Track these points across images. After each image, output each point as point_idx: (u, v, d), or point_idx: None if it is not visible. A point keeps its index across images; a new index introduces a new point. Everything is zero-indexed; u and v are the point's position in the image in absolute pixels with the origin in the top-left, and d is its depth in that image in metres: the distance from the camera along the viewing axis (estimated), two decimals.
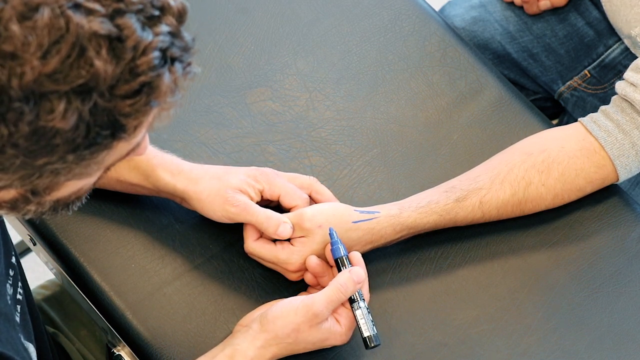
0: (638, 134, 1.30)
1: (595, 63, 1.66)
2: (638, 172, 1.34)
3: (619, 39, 1.64)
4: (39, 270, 2.03)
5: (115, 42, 0.82)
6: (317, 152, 1.38)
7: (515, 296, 1.30)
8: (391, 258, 1.31)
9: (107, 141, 0.86)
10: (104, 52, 0.82)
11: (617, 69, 1.64)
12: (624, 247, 1.35)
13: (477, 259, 1.32)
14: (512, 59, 1.71)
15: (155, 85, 0.85)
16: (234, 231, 1.27)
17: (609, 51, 1.65)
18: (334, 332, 1.19)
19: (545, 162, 1.30)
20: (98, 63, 0.81)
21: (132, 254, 1.29)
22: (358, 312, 1.19)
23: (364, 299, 1.19)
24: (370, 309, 1.19)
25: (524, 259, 1.33)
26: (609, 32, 1.65)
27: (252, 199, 1.24)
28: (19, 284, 1.13)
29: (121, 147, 0.88)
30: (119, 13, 0.83)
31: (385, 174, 1.37)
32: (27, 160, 0.84)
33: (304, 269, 1.24)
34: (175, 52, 0.86)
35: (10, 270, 1.11)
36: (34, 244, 1.36)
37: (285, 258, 1.23)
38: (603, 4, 1.45)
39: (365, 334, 1.18)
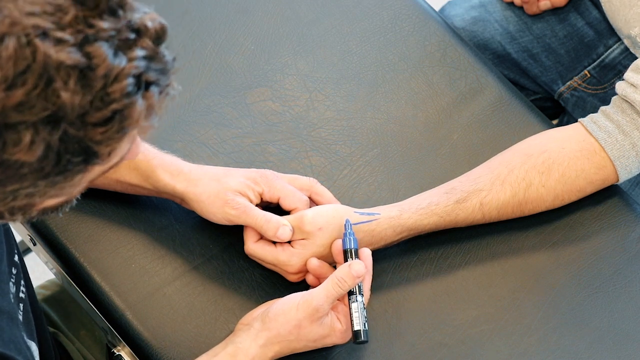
0: (638, 135, 1.30)
1: (595, 63, 1.66)
2: (638, 172, 1.34)
3: (619, 39, 1.64)
4: (39, 270, 2.03)
5: (84, 72, 0.80)
6: (317, 152, 1.38)
7: (515, 296, 1.30)
8: (391, 259, 1.31)
9: (80, 167, 0.84)
10: (71, 82, 0.80)
11: (617, 69, 1.64)
12: (624, 247, 1.35)
13: (477, 259, 1.32)
14: (512, 59, 1.71)
15: (128, 112, 0.83)
16: (234, 232, 1.27)
17: (609, 51, 1.65)
18: (335, 328, 1.19)
19: (546, 163, 1.30)
20: (65, 95, 0.80)
21: (132, 254, 1.29)
22: (353, 305, 1.19)
23: (362, 294, 1.19)
24: (365, 306, 1.19)
25: (524, 259, 1.33)
26: (609, 32, 1.65)
27: (251, 202, 1.24)
28: (22, 282, 1.13)
29: (97, 169, 0.87)
30: (88, 41, 0.81)
31: (385, 174, 1.37)
32: None
33: (304, 270, 1.24)
34: (151, 76, 0.85)
35: (13, 268, 1.11)
36: (34, 244, 1.36)
37: (286, 260, 1.23)
38: (602, 4, 1.45)
39: (356, 327, 1.18)
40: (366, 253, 1.21)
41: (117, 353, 1.34)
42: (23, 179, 0.83)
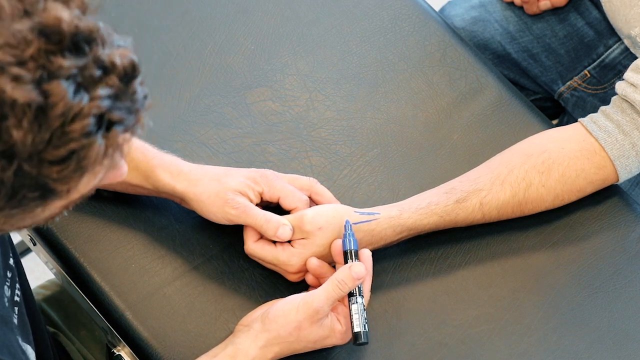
0: (638, 135, 1.30)
1: (595, 63, 1.66)
2: (638, 172, 1.34)
3: (619, 39, 1.64)
4: (39, 270, 2.03)
5: (40, 110, 0.78)
6: (317, 152, 1.38)
7: (515, 296, 1.30)
8: (391, 259, 1.31)
9: (37, 202, 0.82)
10: (25, 121, 0.78)
11: (617, 69, 1.64)
12: (624, 247, 1.35)
13: (477, 259, 1.32)
14: (512, 59, 1.71)
15: (86, 152, 0.81)
16: (234, 231, 1.27)
17: (609, 51, 1.65)
18: (335, 329, 1.19)
19: (546, 163, 1.30)
20: (17, 133, 0.78)
21: (132, 254, 1.29)
22: (353, 307, 1.19)
23: (362, 295, 1.19)
24: (365, 307, 1.19)
25: (524, 259, 1.33)
26: (609, 32, 1.65)
27: (251, 201, 1.24)
28: (17, 285, 1.13)
29: (58, 203, 0.84)
30: (47, 78, 0.78)
31: (385, 174, 1.37)
32: None
33: (304, 270, 1.24)
34: (115, 115, 0.82)
35: (8, 272, 1.10)
36: (34, 244, 1.35)
37: (286, 259, 1.23)
38: (603, 4, 1.45)
39: (356, 329, 1.18)
40: (366, 254, 1.21)
41: (117, 353, 1.34)
42: None
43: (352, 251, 1.20)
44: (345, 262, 1.21)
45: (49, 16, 0.79)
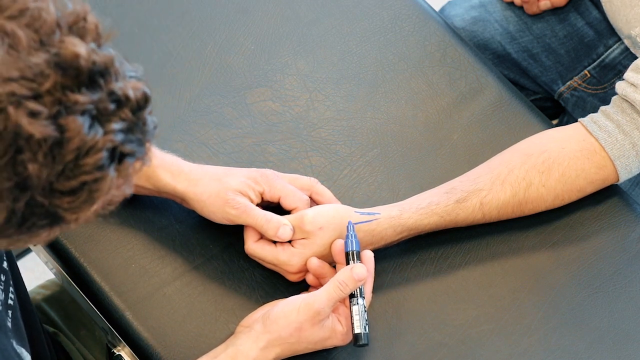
0: (638, 135, 1.30)
1: (595, 63, 1.66)
2: (638, 172, 1.34)
3: (619, 39, 1.64)
4: (39, 270, 2.03)
5: (56, 144, 0.78)
6: (317, 152, 1.38)
7: (515, 296, 1.30)
8: (391, 258, 1.31)
9: (45, 229, 0.82)
10: (40, 155, 0.78)
11: (617, 69, 1.64)
12: (624, 247, 1.35)
13: (478, 259, 1.32)
14: (512, 59, 1.71)
15: (98, 185, 0.81)
16: (234, 231, 1.27)
17: (609, 51, 1.65)
18: (336, 330, 1.19)
19: (546, 163, 1.30)
20: (32, 167, 0.78)
21: (132, 254, 1.29)
22: (354, 308, 1.19)
23: (363, 297, 1.19)
24: (366, 309, 1.20)
25: (524, 259, 1.33)
26: (609, 32, 1.65)
27: (252, 201, 1.24)
28: (10, 288, 1.12)
29: (63, 228, 0.84)
30: (64, 113, 0.78)
31: (385, 174, 1.37)
32: None
33: (305, 270, 1.24)
34: (127, 148, 0.82)
35: (2, 275, 1.10)
36: (34, 244, 1.35)
37: (286, 260, 1.23)
38: (603, 4, 1.45)
39: (357, 330, 1.18)
40: (368, 255, 1.22)
41: (117, 353, 1.34)
42: None
43: (354, 252, 1.20)
44: (347, 263, 1.21)
45: (67, 50, 0.79)
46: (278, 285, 1.27)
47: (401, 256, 1.31)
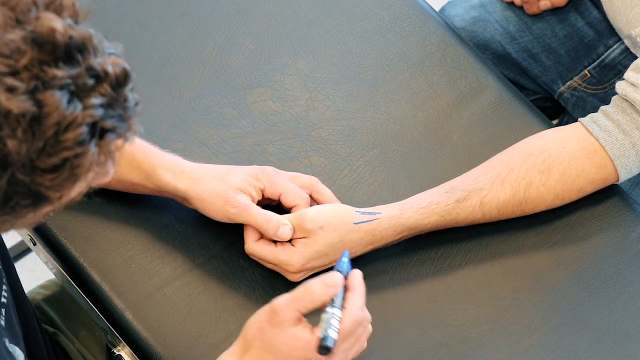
0: (638, 134, 1.30)
1: (595, 63, 1.66)
2: (638, 172, 1.34)
3: (619, 39, 1.64)
4: (39, 270, 2.03)
5: (34, 120, 0.79)
6: (317, 152, 1.38)
7: (515, 296, 1.30)
8: (391, 258, 1.31)
9: (29, 209, 0.83)
10: (19, 131, 0.78)
11: (617, 69, 1.64)
12: (624, 247, 1.35)
13: (478, 259, 1.32)
14: (512, 59, 1.71)
15: (79, 161, 0.81)
16: (235, 231, 1.27)
17: (609, 51, 1.65)
18: (303, 338, 1.06)
19: (546, 163, 1.30)
20: (11, 143, 0.78)
21: (132, 254, 1.29)
22: (323, 315, 1.08)
23: (339, 308, 1.08)
24: (340, 321, 1.07)
25: (524, 259, 1.33)
26: (609, 32, 1.65)
27: (253, 199, 1.24)
28: (3, 287, 1.12)
29: (48, 208, 0.85)
30: (41, 88, 0.79)
31: (385, 174, 1.37)
32: None
33: (305, 270, 1.24)
34: (108, 123, 0.82)
35: None
36: (34, 244, 1.35)
37: (286, 259, 1.23)
38: (603, 4, 1.45)
39: (318, 334, 1.06)
40: (356, 272, 1.12)
41: (117, 353, 1.34)
42: None
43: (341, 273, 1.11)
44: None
45: (43, 26, 0.79)
46: (278, 285, 1.27)
47: (401, 256, 1.31)
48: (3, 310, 1.10)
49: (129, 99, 0.85)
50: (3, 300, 1.11)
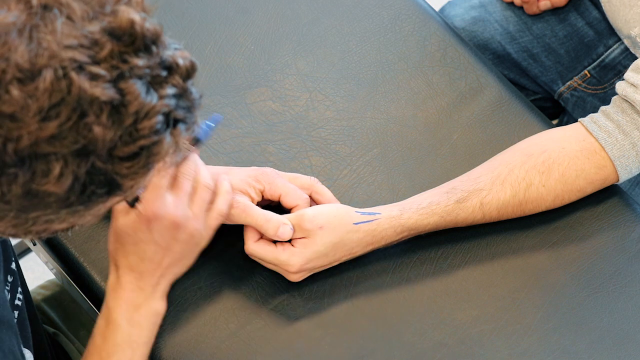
0: (638, 135, 1.30)
1: (595, 63, 1.66)
2: (638, 172, 1.34)
3: (619, 39, 1.64)
4: (39, 270, 2.03)
5: (116, 108, 0.81)
6: (317, 152, 1.38)
7: (515, 296, 1.30)
8: (391, 258, 1.31)
9: (103, 198, 0.85)
10: (104, 117, 0.81)
11: (617, 69, 1.64)
12: (624, 247, 1.35)
13: (477, 259, 1.32)
14: (512, 59, 1.71)
15: (155, 149, 0.84)
16: (234, 231, 1.27)
17: (609, 51, 1.65)
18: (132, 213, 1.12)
19: (546, 163, 1.30)
20: (97, 129, 0.81)
21: None
22: None
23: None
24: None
25: (524, 259, 1.33)
26: (609, 32, 1.65)
27: (252, 199, 1.24)
28: (18, 289, 1.13)
29: (116, 199, 0.87)
30: (123, 77, 0.82)
31: (385, 174, 1.37)
32: (19, 213, 0.84)
33: (305, 270, 1.24)
34: (179, 114, 0.85)
35: (9, 276, 1.11)
36: (34, 244, 1.35)
37: (286, 259, 1.23)
38: (602, 4, 1.45)
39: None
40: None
41: None
42: (47, 207, 0.84)
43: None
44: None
45: (122, 18, 0.82)
46: (278, 285, 1.27)
47: (401, 256, 1.31)
48: (16, 313, 1.10)
49: (193, 91, 0.87)
50: (17, 302, 1.11)
